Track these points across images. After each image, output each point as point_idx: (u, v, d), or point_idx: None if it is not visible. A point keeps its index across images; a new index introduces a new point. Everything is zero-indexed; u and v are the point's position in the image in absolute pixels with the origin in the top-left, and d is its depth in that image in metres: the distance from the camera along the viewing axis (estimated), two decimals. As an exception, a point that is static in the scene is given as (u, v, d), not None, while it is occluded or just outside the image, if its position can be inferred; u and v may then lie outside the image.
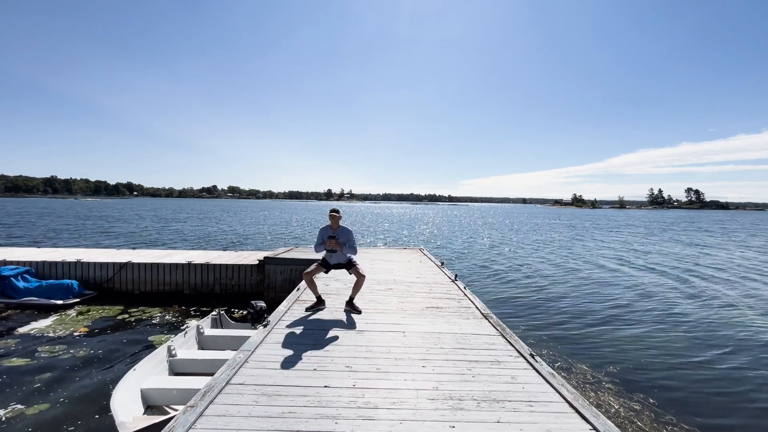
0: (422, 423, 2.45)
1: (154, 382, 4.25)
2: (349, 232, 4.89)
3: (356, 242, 4.95)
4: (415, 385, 2.96)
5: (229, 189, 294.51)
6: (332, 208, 4.89)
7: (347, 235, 4.85)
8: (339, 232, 4.84)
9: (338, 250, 4.76)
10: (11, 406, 4.22)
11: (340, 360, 3.39)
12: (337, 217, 4.81)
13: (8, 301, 7.63)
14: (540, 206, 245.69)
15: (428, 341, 3.90)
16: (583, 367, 5.61)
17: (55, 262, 8.63)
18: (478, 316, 4.84)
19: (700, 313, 8.70)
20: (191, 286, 8.73)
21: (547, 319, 8.05)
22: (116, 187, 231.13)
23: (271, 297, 8.39)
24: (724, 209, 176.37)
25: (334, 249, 4.76)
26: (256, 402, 2.63)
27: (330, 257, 4.89)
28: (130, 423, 3.38)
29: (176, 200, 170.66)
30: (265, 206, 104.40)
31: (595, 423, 2.46)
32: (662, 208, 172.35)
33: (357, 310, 4.83)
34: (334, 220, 4.82)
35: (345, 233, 4.86)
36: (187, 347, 5.37)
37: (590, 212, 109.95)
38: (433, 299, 5.59)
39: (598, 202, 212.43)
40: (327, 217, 5.05)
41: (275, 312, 4.67)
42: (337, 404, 2.64)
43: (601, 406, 4.55)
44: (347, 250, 4.82)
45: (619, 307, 9.08)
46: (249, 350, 3.46)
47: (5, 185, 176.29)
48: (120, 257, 9.16)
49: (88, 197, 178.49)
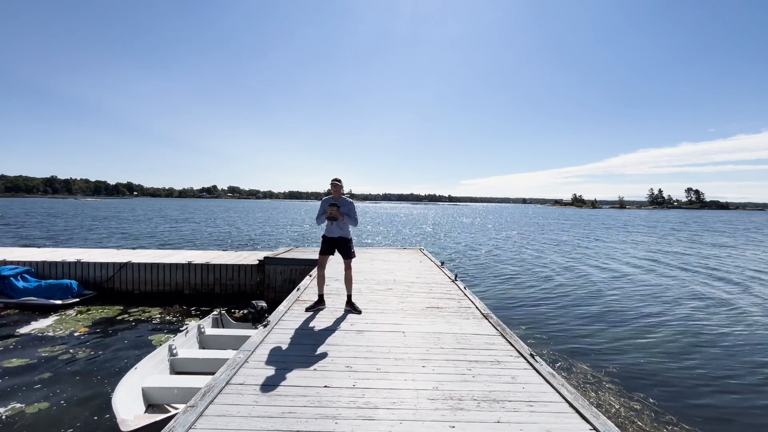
0: (422, 423, 2.45)
1: (155, 380, 4.25)
2: (351, 203, 4.92)
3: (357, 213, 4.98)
4: (415, 385, 2.96)
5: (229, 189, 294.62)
6: (335, 177, 4.89)
7: (348, 206, 4.88)
8: (340, 202, 4.86)
9: (339, 218, 4.78)
10: (11, 405, 4.22)
11: (340, 360, 3.38)
12: (339, 186, 4.81)
13: (8, 301, 7.63)
14: (540, 206, 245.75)
15: (428, 341, 3.90)
16: (583, 367, 5.61)
17: (54, 262, 8.62)
18: (478, 316, 4.84)
19: (702, 314, 8.69)
20: (191, 286, 8.73)
21: (547, 319, 8.05)
22: (116, 187, 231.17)
23: (271, 297, 8.39)
24: (724, 209, 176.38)
25: (335, 217, 4.76)
26: (256, 402, 2.63)
27: (330, 229, 4.91)
28: (132, 421, 3.38)
29: (177, 200, 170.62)
30: (265, 206, 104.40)
31: (595, 423, 2.46)
32: (662, 208, 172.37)
33: (357, 310, 4.83)
34: (336, 189, 4.83)
35: (346, 204, 4.88)
36: (188, 346, 5.37)
37: (591, 212, 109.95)
38: (433, 299, 5.59)
39: (598, 202, 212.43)
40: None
41: (275, 312, 4.67)
42: (337, 404, 2.64)
43: (601, 406, 4.55)
44: (348, 220, 4.86)
45: (620, 307, 9.08)
46: (249, 350, 3.46)
47: (5, 185, 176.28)
48: (120, 257, 9.16)
49: (88, 197, 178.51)
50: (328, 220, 4.82)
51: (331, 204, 4.77)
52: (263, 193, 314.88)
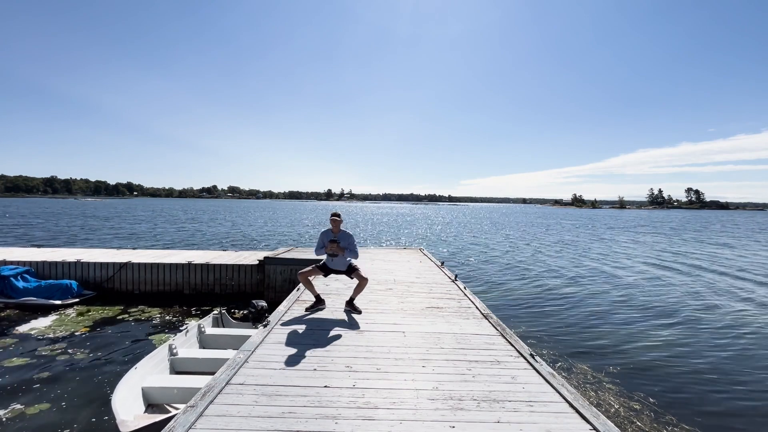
0: (422, 423, 2.45)
1: (155, 380, 4.24)
2: (350, 236, 4.87)
3: (357, 246, 4.94)
4: (415, 385, 2.96)
5: (229, 189, 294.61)
6: (333, 212, 4.87)
7: (348, 239, 4.84)
8: (340, 236, 4.82)
9: (339, 254, 4.75)
10: (11, 405, 4.22)
11: (340, 360, 3.38)
12: (338, 221, 4.78)
13: (8, 301, 7.62)
14: (540, 206, 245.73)
15: (428, 341, 3.90)
16: (583, 367, 5.61)
17: (54, 262, 8.62)
18: (478, 316, 4.84)
19: (702, 313, 8.69)
20: (191, 286, 8.73)
21: (547, 319, 8.05)
22: (116, 187, 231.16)
23: (271, 297, 8.39)
24: (724, 209, 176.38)
25: (335, 253, 4.74)
26: (256, 402, 2.63)
27: (331, 262, 4.88)
28: (131, 421, 3.37)
29: (177, 200, 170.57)
30: (265, 206, 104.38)
31: (595, 423, 2.45)
32: (662, 209, 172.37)
33: (357, 310, 4.83)
34: (335, 224, 4.79)
35: (346, 237, 4.84)
36: (188, 346, 5.36)
37: (591, 212, 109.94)
38: (433, 299, 5.59)
39: (598, 202, 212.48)
40: (327, 217, 5.05)
41: (275, 312, 4.67)
42: (337, 404, 2.64)
43: (601, 406, 4.55)
44: (348, 254, 4.80)
45: (620, 307, 9.08)
46: (249, 350, 3.46)
47: (5, 185, 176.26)
48: (120, 257, 9.16)
49: (88, 197, 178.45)
50: (328, 255, 4.81)
51: (331, 240, 4.72)
52: (263, 193, 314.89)
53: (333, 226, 4.82)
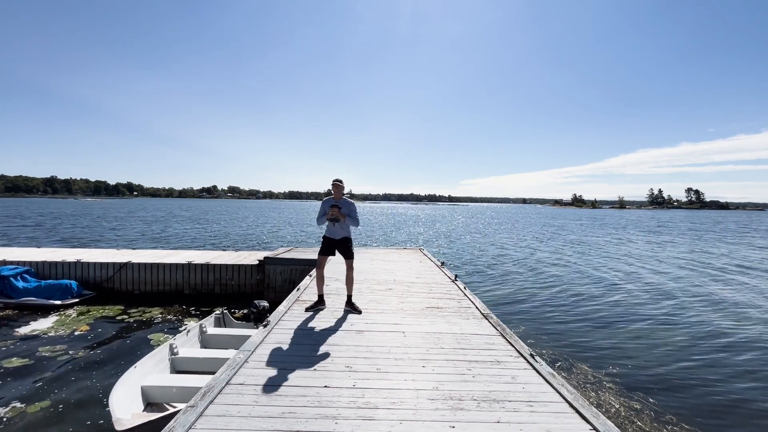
0: (422, 423, 2.45)
1: (155, 379, 4.25)
2: (352, 203, 4.91)
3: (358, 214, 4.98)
4: (415, 385, 2.96)
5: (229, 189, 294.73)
6: (336, 178, 4.88)
7: (349, 206, 4.88)
8: (341, 202, 4.84)
9: (340, 220, 4.77)
10: (12, 405, 4.23)
11: (340, 360, 3.38)
12: (340, 186, 4.79)
13: (8, 301, 7.63)
14: (540, 206, 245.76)
15: (428, 341, 3.90)
16: (583, 367, 5.61)
17: (54, 262, 8.62)
18: (478, 316, 4.84)
19: (703, 313, 8.69)
20: (191, 286, 8.73)
21: (547, 319, 8.05)
22: (116, 187, 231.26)
23: (271, 297, 8.39)
24: (724, 209, 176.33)
25: (336, 218, 4.75)
26: (256, 402, 2.63)
27: (332, 231, 4.89)
28: (127, 420, 3.36)
29: (177, 200, 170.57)
30: (265, 206, 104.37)
31: (595, 423, 2.46)
32: (662, 209, 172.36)
33: (357, 310, 4.83)
34: (337, 190, 4.80)
35: (347, 205, 4.87)
36: (189, 345, 5.37)
37: (591, 212, 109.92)
38: (433, 299, 5.59)
39: (598, 202, 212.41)
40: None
41: (275, 312, 4.67)
42: (337, 404, 2.64)
43: (601, 406, 4.55)
44: (349, 221, 4.85)
45: (620, 307, 9.07)
46: (249, 350, 3.46)
47: (5, 185, 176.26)
48: (120, 257, 9.16)
49: (88, 197, 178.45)
50: (329, 221, 4.80)
51: (332, 205, 4.74)
52: (263, 193, 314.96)
53: (335, 191, 4.83)
